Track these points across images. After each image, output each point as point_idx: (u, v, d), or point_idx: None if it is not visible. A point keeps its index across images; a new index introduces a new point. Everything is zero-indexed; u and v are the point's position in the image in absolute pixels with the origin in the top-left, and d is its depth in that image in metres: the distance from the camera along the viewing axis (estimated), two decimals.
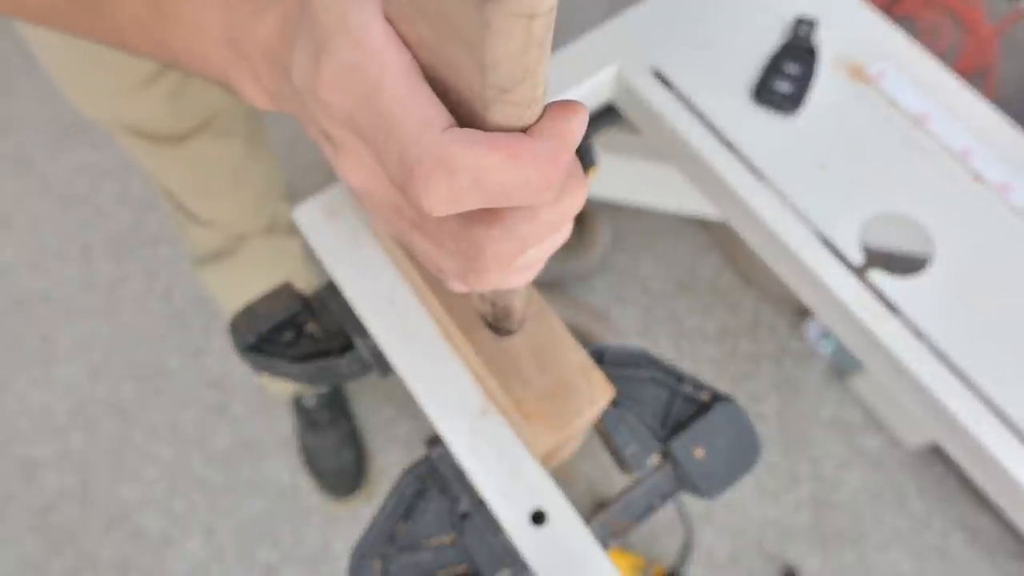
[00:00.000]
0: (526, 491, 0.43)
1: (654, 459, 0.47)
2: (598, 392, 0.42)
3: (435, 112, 0.23)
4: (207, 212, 0.95)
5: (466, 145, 0.22)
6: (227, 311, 1.26)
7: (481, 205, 0.23)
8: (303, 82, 0.25)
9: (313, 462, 1.37)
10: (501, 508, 0.42)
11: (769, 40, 0.61)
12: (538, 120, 0.23)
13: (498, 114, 0.22)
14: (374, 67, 0.23)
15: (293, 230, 1.08)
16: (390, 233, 0.31)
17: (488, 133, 0.22)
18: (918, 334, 0.51)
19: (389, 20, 0.23)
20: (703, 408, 0.47)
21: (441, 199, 0.23)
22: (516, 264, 0.27)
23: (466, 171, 0.22)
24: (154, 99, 0.75)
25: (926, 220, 0.55)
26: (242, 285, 1.04)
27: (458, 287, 0.30)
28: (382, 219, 0.30)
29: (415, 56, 0.23)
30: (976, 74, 1.02)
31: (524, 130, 0.23)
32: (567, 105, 0.24)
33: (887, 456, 1.39)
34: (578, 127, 0.23)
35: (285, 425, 1.43)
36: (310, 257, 1.13)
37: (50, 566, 1.32)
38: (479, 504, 0.44)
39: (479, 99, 0.22)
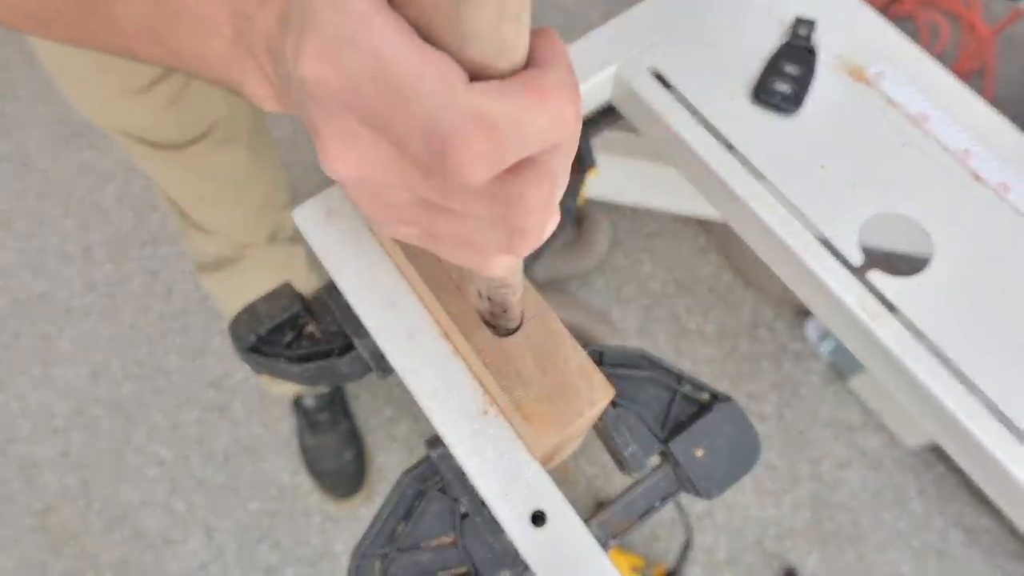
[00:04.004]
0: (526, 492, 0.43)
1: (654, 459, 0.47)
2: (598, 393, 0.42)
3: (451, 68, 0.20)
4: (209, 220, 0.95)
5: (499, 97, 0.20)
6: (229, 316, 1.25)
7: (521, 156, 0.22)
8: (293, 64, 0.23)
9: (313, 462, 1.37)
10: (501, 509, 0.42)
11: (768, 40, 0.61)
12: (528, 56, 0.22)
13: None
14: (369, 33, 0.20)
15: (296, 238, 1.08)
16: (396, 233, 0.28)
17: (507, 80, 0.21)
18: (917, 334, 0.51)
19: None
20: (703, 408, 0.47)
21: (484, 162, 0.21)
22: (554, 204, 0.24)
23: (507, 125, 0.20)
24: (155, 105, 0.75)
25: (925, 220, 0.55)
26: (245, 292, 1.04)
27: (499, 263, 0.27)
28: (387, 217, 0.27)
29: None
30: (974, 74, 1.02)
31: None
32: (540, 31, 0.22)
33: (887, 456, 1.39)
34: (560, 43, 0.22)
35: (285, 425, 1.43)
36: (313, 262, 1.13)
37: (50, 566, 1.32)
38: (479, 505, 0.44)
39: None
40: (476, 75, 0.21)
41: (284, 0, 0.28)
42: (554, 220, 0.25)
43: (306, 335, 0.50)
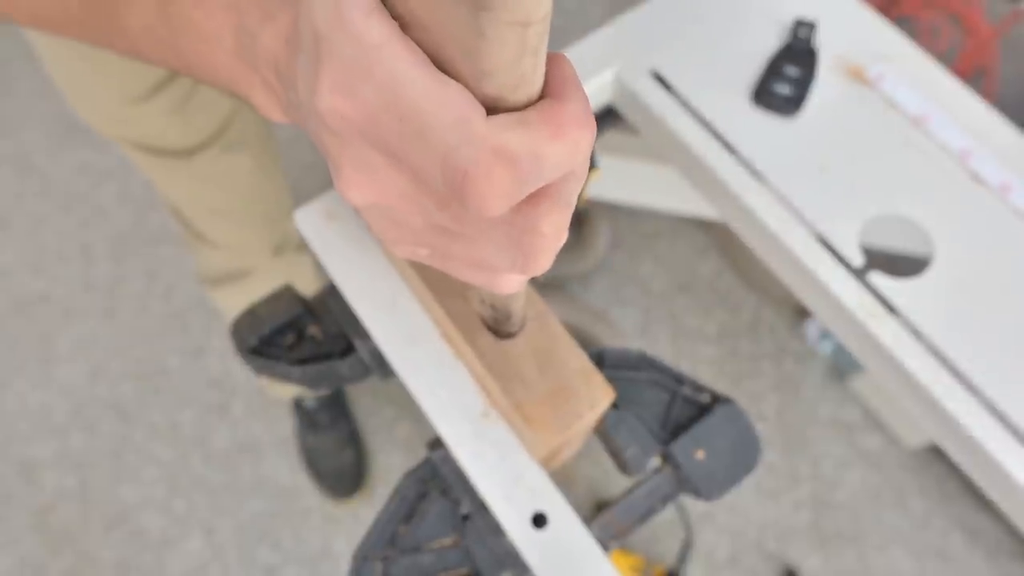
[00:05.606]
0: (527, 494, 0.43)
1: (655, 461, 0.47)
2: (598, 395, 0.42)
3: (468, 101, 0.20)
4: (215, 232, 0.94)
5: (519, 132, 0.20)
6: None
7: (537, 187, 0.22)
8: (306, 94, 0.23)
9: (313, 463, 1.37)
10: (502, 510, 0.42)
11: (769, 42, 0.61)
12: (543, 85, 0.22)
13: None
14: (385, 65, 0.20)
15: (302, 246, 1.07)
16: (407, 254, 0.28)
17: (524, 113, 0.21)
18: (917, 335, 0.51)
19: None
20: (703, 410, 0.47)
21: (505, 196, 0.21)
22: (566, 227, 0.25)
23: (528, 159, 0.20)
24: (159, 111, 0.74)
25: (925, 221, 0.55)
26: None
27: (509, 281, 0.28)
28: (400, 240, 0.27)
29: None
30: (975, 75, 1.02)
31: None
32: (552, 58, 0.22)
33: (887, 456, 1.39)
34: (574, 71, 0.22)
35: (285, 425, 1.43)
36: (318, 267, 1.13)
37: (50, 566, 1.32)
38: (480, 506, 0.44)
39: None
40: (492, 107, 0.21)
41: (290, 21, 0.27)
42: (563, 239, 0.25)
43: (307, 337, 0.50)
